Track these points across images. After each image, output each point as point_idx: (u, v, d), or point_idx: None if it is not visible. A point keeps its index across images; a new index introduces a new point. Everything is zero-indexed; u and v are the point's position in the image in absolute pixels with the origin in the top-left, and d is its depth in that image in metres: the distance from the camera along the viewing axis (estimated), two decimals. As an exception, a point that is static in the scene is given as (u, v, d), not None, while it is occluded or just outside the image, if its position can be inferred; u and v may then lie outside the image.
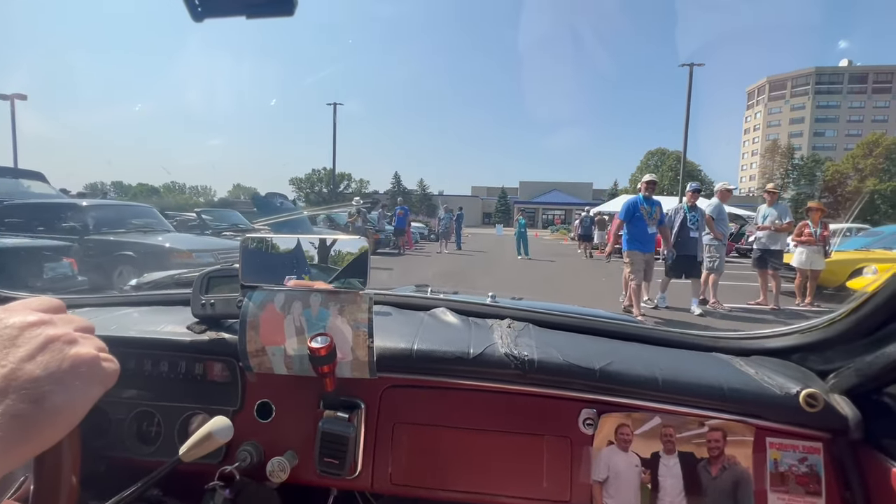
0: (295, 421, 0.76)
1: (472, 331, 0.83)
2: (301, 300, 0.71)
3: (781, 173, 50.53)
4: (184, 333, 0.81)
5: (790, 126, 73.90)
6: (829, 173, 47.04)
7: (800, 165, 48.45)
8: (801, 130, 72.36)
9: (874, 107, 71.23)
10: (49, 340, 0.33)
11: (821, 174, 46.28)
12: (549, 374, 0.72)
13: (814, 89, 73.33)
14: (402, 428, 0.75)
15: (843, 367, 0.69)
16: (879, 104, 70.97)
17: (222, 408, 0.77)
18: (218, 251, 5.69)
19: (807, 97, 73.92)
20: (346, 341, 0.70)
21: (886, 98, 70.34)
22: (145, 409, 0.79)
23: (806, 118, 73.42)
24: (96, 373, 0.35)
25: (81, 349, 0.35)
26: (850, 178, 48.05)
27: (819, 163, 47.51)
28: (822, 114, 73.07)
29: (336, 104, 26.45)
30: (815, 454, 0.68)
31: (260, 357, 0.72)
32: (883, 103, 70.71)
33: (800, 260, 5.95)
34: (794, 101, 75.41)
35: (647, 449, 0.71)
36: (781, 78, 77.57)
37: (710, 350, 0.85)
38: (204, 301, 0.81)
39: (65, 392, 0.32)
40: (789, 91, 76.16)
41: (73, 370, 0.33)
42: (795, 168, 48.70)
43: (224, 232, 8.34)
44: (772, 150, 53.76)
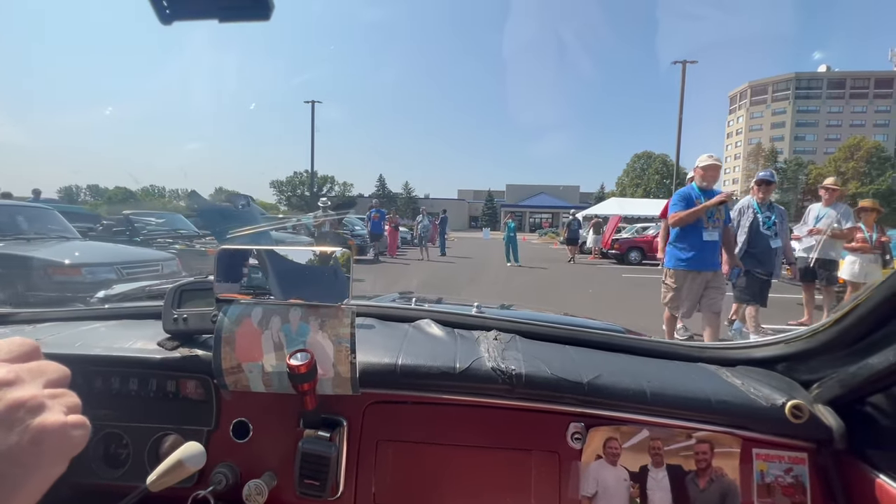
0: (273, 441, 0.74)
1: (458, 344, 0.82)
2: (280, 314, 0.70)
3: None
4: (154, 350, 0.78)
5: (772, 130, 76.47)
6: (813, 176, 48.65)
7: (783, 169, 49.96)
8: (782, 135, 74.91)
9: (852, 112, 74.32)
10: (9, 409, 0.28)
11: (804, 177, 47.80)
12: (538, 388, 0.72)
13: (794, 94, 76.09)
14: (387, 445, 0.74)
15: (827, 378, 0.70)
16: (857, 109, 74.10)
17: (196, 428, 0.75)
18: (125, 264, 4.66)
19: (787, 102, 76.65)
20: (327, 357, 0.69)
21: (863, 103, 73.50)
22: (113, 431, 0.76)
23: (787, 122, 76.09)
24: (62, 446, 0.30)
25: (48, 418, 0.30)
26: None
27: (802, 166, 49.13)
28: (803, 118, 75.86)
29: (314, 102, 25.71)
30: (801, 465, 0.69)
31: (236, 374, 0.70)
32: (860, 108, 73.86)
33: (852, 271, 4.79)
34: (776, 105, 78.12)
35: (636, 462, 0.71)
36: (763, 83, 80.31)
37: (697, 360, 0.86)
38: (176, 315, 0.79)
39: (22, 474, 0.28)
40: (770, 96, 78.88)
41: (35, 447, 0.29)
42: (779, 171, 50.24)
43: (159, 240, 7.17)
44: (755, 153, 55.40)
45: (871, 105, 72.99)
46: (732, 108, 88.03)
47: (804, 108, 75.75)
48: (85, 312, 1.03)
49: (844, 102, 74.59)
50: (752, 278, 3.85)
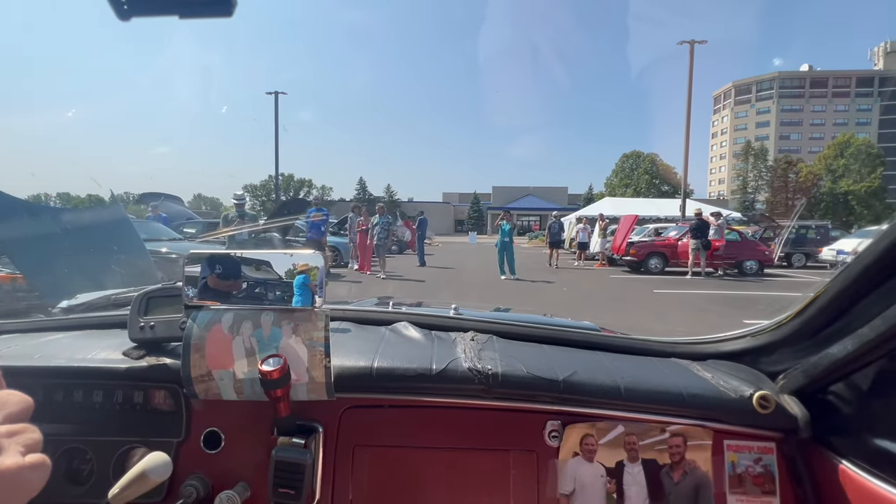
0: (246, 450, 0.75)
1: (435, 345, 0.85)
2: (251, 319, 0.71)
3: (755, 175, 53.39)
4: (119, 360, 0.78)
5: (756, 129, 79.19)
6: (803, 174, 50.07)
7: (773, 167, 51.26)
8: (767, 134, 77.62)
9: (835, 110, 77.55)
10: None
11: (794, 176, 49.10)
12: (514, 387, 0.75)
13: (778, 93, 79.08)
14: (363, 451, 0.76)
15: (791, 368, 0.75)
16: (839, 108, 77.36)
17: (164, 439, 0.75)
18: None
19: (772, 101, 79.55)
20: (301, 362, 0.70)
21: (845, 102, 76.80)
22: (75, 446, 0.75)
23: (771, 122, 78.94)
24: (17, 490, 0.29)
25: (3, 461, 0.29)
26: (823, 180, 51.05)
27: (792, 164, 50.48)
28: (787, 117, 78.80)
29: (277, 93, 23.60)
30: (769, 454, 0.74)
31: (206, 382, 0.71)
32: (842, 107, 77.15)
33: None
34: (760, 104, 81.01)
35: (612, 458, 0.75)
36: (747, 82, 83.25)
37: (669, 356, 0.91)
38: (143, 323, 0.79)
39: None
40: (754, 95, 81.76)
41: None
42: (769, 170, 51.54)
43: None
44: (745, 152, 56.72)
45: (853, 104, 76.35)
46: (717, 107, 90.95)
47: (788, 107, 78.74)
48: (46, 323, 1.02)
49: (827, 101, 77.83)
50: None
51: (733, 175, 66.79)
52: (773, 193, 48.30)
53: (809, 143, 76.28)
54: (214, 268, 0.75)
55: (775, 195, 47.68)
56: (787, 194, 47.37)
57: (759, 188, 51.52)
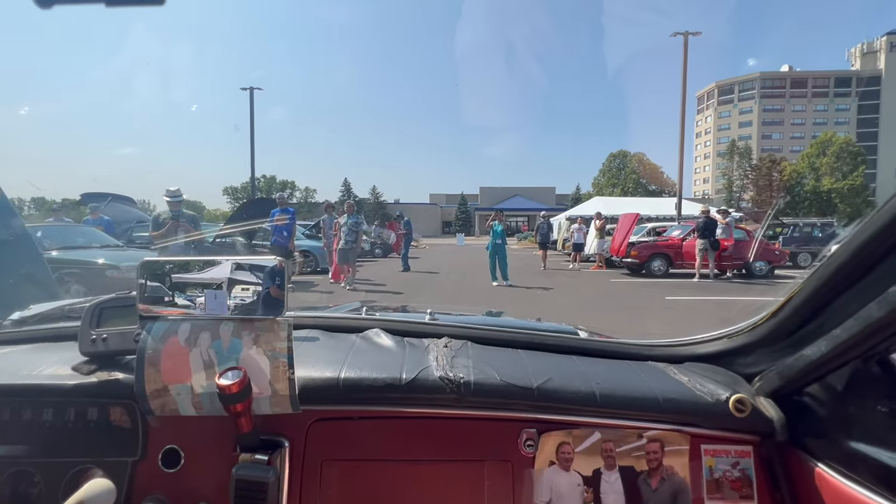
0: (208, 468, 0.72)
1: (407, 353, 0.83)
2: (210, 330, 0.69)
3: (740, 174, 54.45)
4: (68, 375, 0.75)
5: (739, 129, 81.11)
6: (787, 173, 51.19)
7: (757, 166, 52.30)
8: (750, 133, 79.58)
9: (814, 110, 79.94)
10: None
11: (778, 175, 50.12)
12: (487, 395, 0.73)
13: (760, 93, 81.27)
14: (332, 465, 0.74)
15: (767, 370, 0.75)
16: (819, 108, 79.81)
17: (119, 459, 0.72)
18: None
19: (754, 101, 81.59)
20: (263, 374, 0.68)
21: (825, 102, 79.25)
22: (23, 469, 0.72)
23: (754, 121, 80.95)
24: None
25: None
26: (806, 178, 52.13)
27: (776, 163, 51.57)
28: (769, 117, 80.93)
29: (253, 89, 22.47)
30: (746, 458, 0.74)
31: (162, 398, 0.68)
32: (822, 107, 79.56)
33: None
34: (742, 104, 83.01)
35: (589, 466, 0.74)
36: (729, 82, 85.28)
37: (646, 359, 0.90)
38: (95, 336, 0.76)
39: None
40: (737, 95, 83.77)
41: None
42: (754, 169, 52.40)
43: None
44: (730, 151, 57.70)
45: (831, 104, 78.84)
46: (700, 107, 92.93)
47: (770, 106, 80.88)
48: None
49: (807, 101, 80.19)
50: None
51: (718, 174, 68.22)
52: (757, 192, 49.19)
53: (791, 142, 78.47)
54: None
55: (760, 194, 48.55)
56: (771, 193, 48.30)
57: (745, 187, 52.63)
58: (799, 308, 0.68)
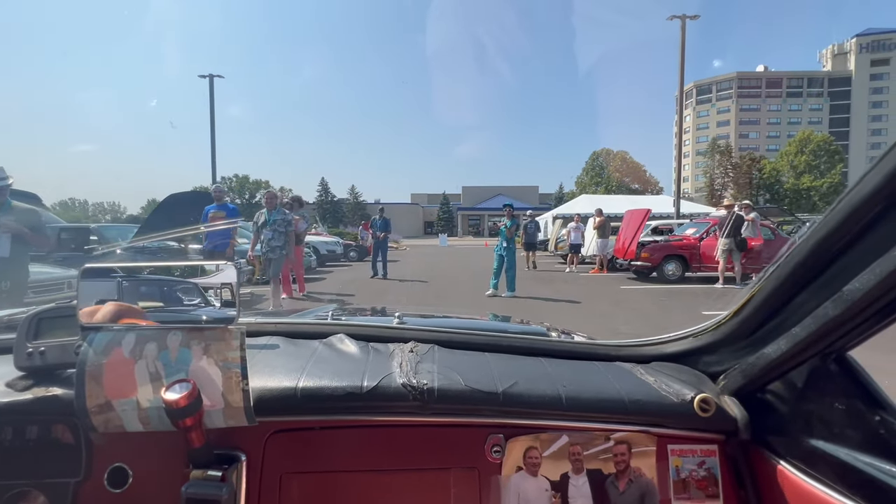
0: (158, 487, 0.69)
1: (370, 359, 0.82)
2: (156, 341, 0.66)
3: (721, 172, 55.75)
4: (1, 392, 0.70)
5: (717, 129, 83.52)
6: (767, 171, 52.51)
7: (738, 165, 53.53)
8: (727, 133, 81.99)
9: (789, 110, 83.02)
10: None
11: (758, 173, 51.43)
12: (451, 402, 0.72)
13: (737, 93, 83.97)
14: (291, 478, 0.71)
15: (730, 369, 0.76)
16: (793, 107, 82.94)
17: (61, 480, 0.68)
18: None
19: (731, 100, 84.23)
20: (214, 386, 0.65)
21: (798, 101, 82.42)
22: None
23: (731, 121, 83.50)
24: None
25: None
26: (785, 176, 53.30)
27: (755, 161, 52.83)
28: (746, 116, 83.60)
29: (212, 76, 20.85)
30: (712, 457, 0.75)
31: (106, 413, 0.65)
32: (796, 107, 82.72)
33: None
34: (720, 104, 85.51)
35: (556, 471, 0.74)
36: (707, 82, 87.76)
37: (614, 359, 0.91)
38: (31, 349, 0.72)
39: None
40: (715, 95, 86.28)
41: None
42: (734, 167, 53.42)
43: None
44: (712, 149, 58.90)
45: (805, 103, 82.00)
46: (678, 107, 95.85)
47: (746, 106, 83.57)
48: None
49: (782, 101, 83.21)
50: None
51: (699, 172, 69.98)
52: (738, 190, 50.38)
53: (767, 140, 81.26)
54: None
55: (741, 192, 49.72)
56: (751, 190, 49.68)
57: (725, 185, 53.94)
58: (760, 306, 0.69)
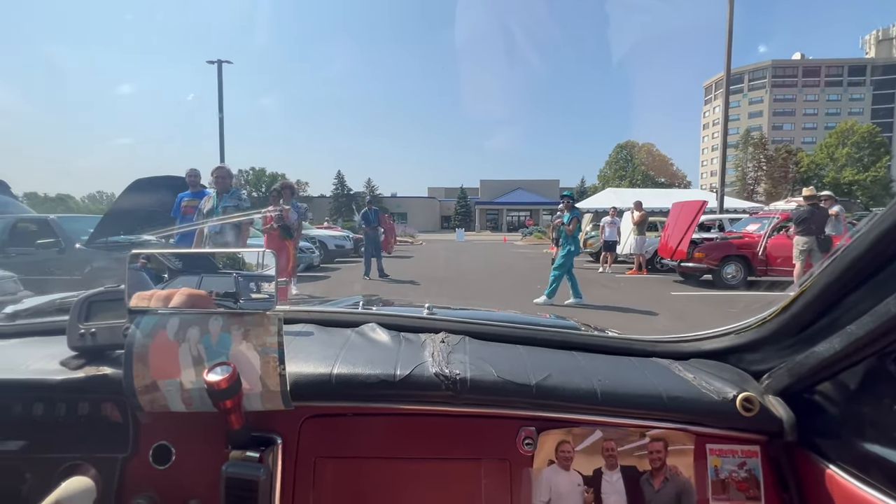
0: (198, 465, 0.72)
1: (402, 348, 0.82)
2: (198, 325, 0.68)
3: (754, 165, 53.19)
4: (55, 370, 0.74)
5: (749, 120, 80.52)
6: (805, 164, 49.59)
7: (772, 157, 50.59)
8: (760, 124, 78.95)
9: (827, 100, 79.42)
10: None
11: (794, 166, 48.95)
12: (484, 392, 0.72)
13: (771, 82, 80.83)
14: (325, 462, 0.73)
15: (776, 368, 0.74)
16: (832, 97, 79.36)
17: (109, 455, 0.72)
18: None
19: (764, 90, 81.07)
20: (253, 370, 0.67)
21: (838, 91, 78.79)
22: (10, 465, 0.72)
23: (764, 111, 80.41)
24: None
25: None
26: (825, 169, 50.18)
27: (791, 154, 49.90)
28: (780, 107, 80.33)
29: (220, 62, 19.81)
30: (754, 458, 0.72)
31: (151, 393, 0.67)
32: (835, 96, 79.06)
33: None
34: (753, 94, 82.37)
35: (589, 466, 0.73)
36: (739, 71, 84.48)
37: (650, 355, 0.89)
38: (83, 330, 0.75)
39: None
40: (747, 84, 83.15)
41: None
42: (768, 160, 50.68)
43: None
44: (744, 140, 56.49)
45: (845, 93, 78.39)
46: (708, 98, 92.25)
47: (781, 96, 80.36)
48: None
49: (819, 90, 79.62)
50: None
51: (729, 166, 67.81)
52: (772, 184, 48.23)
53: (802, 132, 78.03)
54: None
55: (775, 186, 47.54)
56: (787, 185, 47.54)
57: (758, 179, 51.67)
58: (811, 303, 0.66)
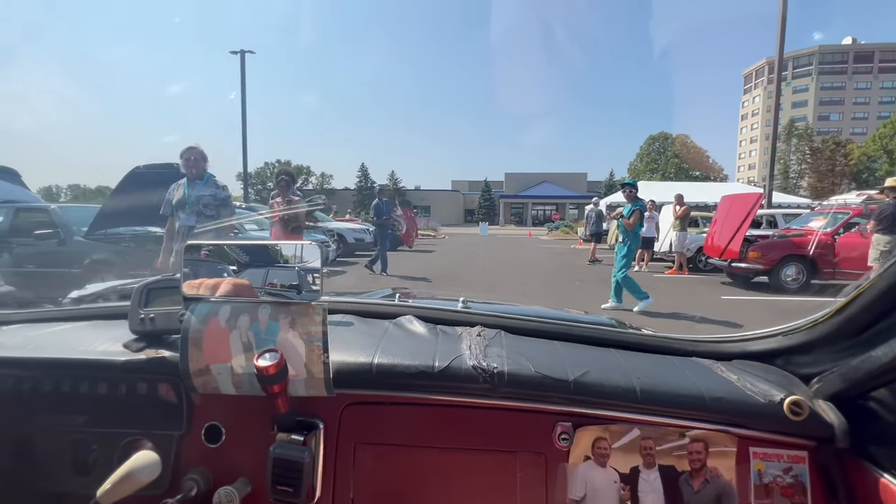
0: (247, 445, 0.76)
1: (439, 341, 0.84)
2: (248, 313, 0.71)
3: (798, 157, 49.78)
4: (119, 352, 0.80)
5: (792, 110, 76.21)
6: (855, 157, 45.74)
7: (818, 149, 46.94)
8: (804, 114, 74.76)
9: (881, 87, 74.32)
10: None
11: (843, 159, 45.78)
12: (521, 386, 0.73)
13: (818, 69, 76.42)
14: (365, 448, 0.76)
15: (827, 372, 0.71)
16: (886, 84, 74.31)
17: (166, 432, 0.77)
18: None
19: (810, 78, 76.61)
20: (299, 357, 0.70)
21: (893, 78, 74.08)
22: (81, 437, 0.78)
23: (809, 101, 76.11)
24: None
25: None
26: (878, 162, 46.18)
27: (840, 145, 45.77)
28: (827, 96, 75.83)
29: (244, 52, 20.52)
30: (801, 464, 0.70)
31: (204, 376, 0.71)
32: (889, 83, 74.03)
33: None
34: (797, 82, 78.02)
35: (626, 463, 0.73)
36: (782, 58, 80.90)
37: (690, 355, 0.87)
38: (143, 315, 0.80)
39: None
40: (791, 72, 78.84)
41: None
42: (814, 152, 47.22)
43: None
44: (788, 131, 53.18)
45: (901, 80, 73.74)
46: (747, 87, 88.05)
47: (828, 84, 75.91)
48: (55, 314, 1.06)
49: (872, 77, 74.70)
50: None
51: (769, 158, 64.71)
52: (818, 178, 44.99)
53: (852, 123, 73.54)
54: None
55: (821, 180, 44.38)
56: (833, 179, 44.66)
57: (802, 173, 48.59)
58: (869, 305, 0.63)
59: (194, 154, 3.93)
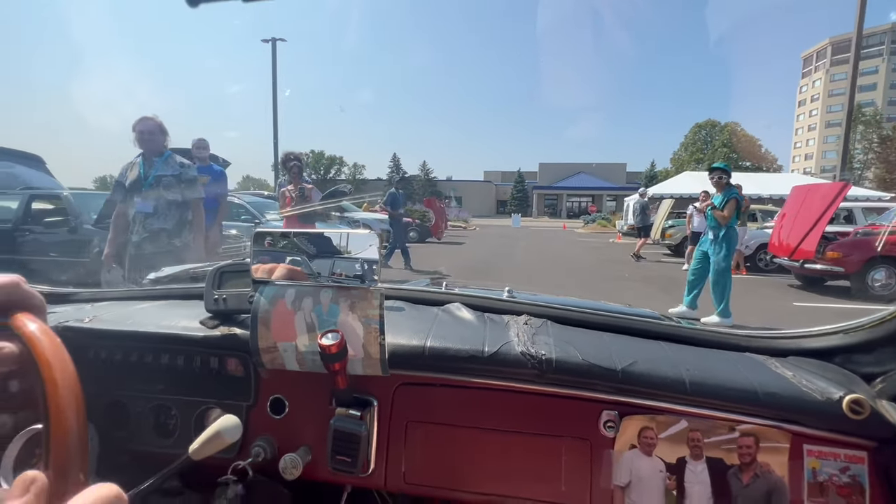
0: (308, 417, 0.82)
1: (488, 327, 0.86)
2: (312, 296, 0.77)
3: (864, 147, 45.78)
4: (197, 328, 0.88)
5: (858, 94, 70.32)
6: None
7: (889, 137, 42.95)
8: (872, 99, 69.29)
9: (962, 70, 68.39)
10: None
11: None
12: (568, 373, 0.75)
13: (889, 49, 70.44)
14: (416, 426, 0.80)
15: (892, 372, 0.69)
16: (968, 67, 68.13)
17: (236, 403, 0.85)
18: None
19: (881, 59, 70.39)
20: (357, 338, 0.75)
21: (977, 59, 67.45)
22: (162, 403, 0.87)
23: (879, 84, 70.12)
24: None
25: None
26: None
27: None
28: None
29: (275, 40, 20.12)
30: (859, 464, 0.69)
31: (272, 353, 0.78)
32: (972, 65, 67.83)
33: None
34: (865, 64, 71.54)
35: (673, 454, 0.73)
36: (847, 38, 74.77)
37: (743, 350, 0.86)
38: (217, 296, 0.88)
39: None
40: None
41: None
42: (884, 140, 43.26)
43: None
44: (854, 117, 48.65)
45: None
46: (807, 70, 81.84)
47: (901, 66, 70.20)
48: (137, 293, 1.17)
49: (954, 58, 68.61)
50: None
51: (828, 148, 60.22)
52: (886, 169, 40.77)
53: (926, 109, 67.87)
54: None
55: (891, 171, 40.07)
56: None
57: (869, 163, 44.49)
58: None
59: (147, 126, 3.18)
